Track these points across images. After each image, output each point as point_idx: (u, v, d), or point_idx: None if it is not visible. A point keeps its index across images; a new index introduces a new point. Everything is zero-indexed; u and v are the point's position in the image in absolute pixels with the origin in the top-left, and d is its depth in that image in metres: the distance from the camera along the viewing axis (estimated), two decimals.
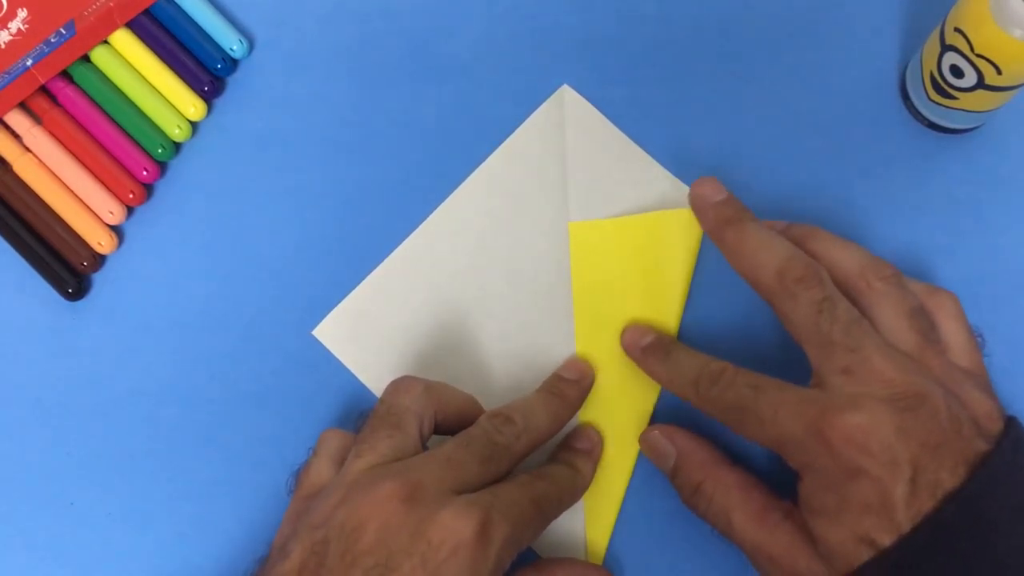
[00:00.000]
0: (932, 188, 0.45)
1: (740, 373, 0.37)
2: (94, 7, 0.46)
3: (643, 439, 0.41)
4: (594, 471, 0.41)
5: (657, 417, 0.43)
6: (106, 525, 0.44)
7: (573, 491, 0.40)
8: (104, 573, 0.43)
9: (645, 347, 0.42)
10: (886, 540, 0.32)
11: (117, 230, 0.46)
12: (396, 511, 0.33)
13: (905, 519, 0.32)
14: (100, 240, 0.46)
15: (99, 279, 0.46)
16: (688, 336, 0.43)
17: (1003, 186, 0.45)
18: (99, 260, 0.46)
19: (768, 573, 0.36)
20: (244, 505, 0.43)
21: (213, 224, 0.46)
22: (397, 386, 0.38)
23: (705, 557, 0.41)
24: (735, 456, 0.40)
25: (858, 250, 0.39)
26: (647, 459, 0.42)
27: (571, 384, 0.42)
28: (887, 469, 0.33)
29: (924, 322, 0.37)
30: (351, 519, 0.34)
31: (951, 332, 0.38)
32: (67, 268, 0.45)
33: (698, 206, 0.42)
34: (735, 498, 0.37)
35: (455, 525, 0.33)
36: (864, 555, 0.33)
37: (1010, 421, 0.35)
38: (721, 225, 0.40)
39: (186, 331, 0.45)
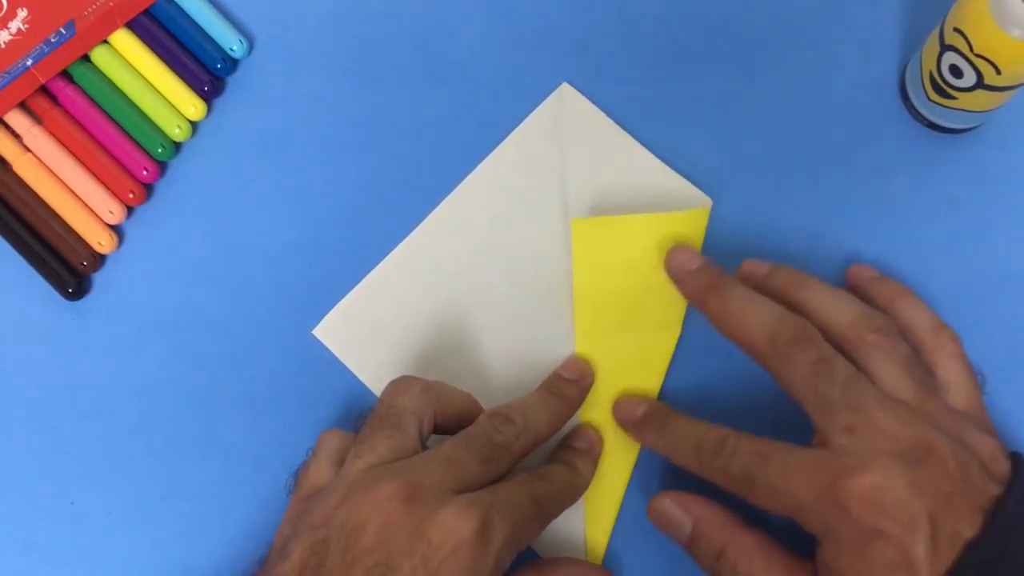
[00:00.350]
0: (932, 188, 0.45)
1: (742, 440, 0.36)
2: (94, 7, 0.46)
3: (653, 509, 0.39)
4: (594, 471, 0.41)
5: None
6: (106, 525, 0.44)
7: (573, 491, 0.40)
8: (104, 573, 0.43)
9: (638, 420, 0.41)
10: None
11: (117, 230, 0.46)
12: (396, 511, 0.33)
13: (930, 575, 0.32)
14: (100, 240, 0.46)
15: (99, 279, 0.46)
16: (690, 340, 0.43)
17: (1003, 186, 0.45)
18: (99, 260, 0.46)
19: None
20: (244, 505, 0.43)
21: (213, 224, 0.46)
22: (396, 386, 0.38)
23: None
24: (748, 515, 0.38)
25: (847, 299, 0.38)
26: (647, 458, 0.42)
27: (571, 384, 0.42)
28: (906, 529, 0.32)
29: (920, 370, 0.37)
30: (351, 519, 0.34)
31: (951, 372, 0.38)
32: (67, 268, 0.45)
33: (675, 276, 0.41)
34: (759, 562, 0.36)
35: (455, 525, 0.33)
36: None
37: (1016, 459, 0.35)
38: (702, 293, 0.40)
39: (186, 331, 0.45)
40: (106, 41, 0.47)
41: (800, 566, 0.36)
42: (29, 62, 0.46)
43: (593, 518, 0.42)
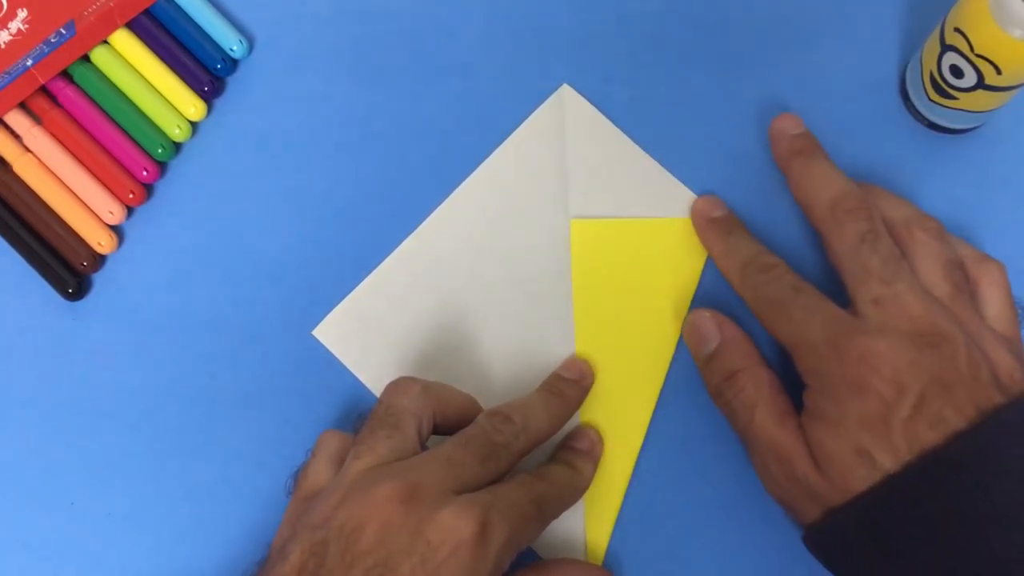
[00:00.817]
0: (932, 188, 0.45)
1: (789, 272, 0.39)
2: (94, 7, 0.46)
3: (690, 319, 0.42)
4: (594, 471, 0.41)
5: (658, 415, 0.43)
6: (106, 525, 0.44)
7: (573, 491, 0.40)
8: (104, 573, 0.43)
9: (712, 219, 0.43)
10: (885, 460, 0.34)
11: (117, 230, 0.46)
12: (395, 511, 0.33)
13: (902, 441, 0.33)
14: (100, 240, 0.46)
15: (99, 279, 0.46)
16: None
17: (1003, 186, 0.45)
18: (99, 260, 0.46)
19: (771, 472, 0.37)
20: (244, 505, 0.43)
21: (213, 224, 0.46)
22: (395, 387, 0.38)
23: (704, 557, 0.42)
24: None
25: (909, 204, 0.41)
26: (647, 459, 0.42)
27: (571, 384, 0.42)
28: (892, 390, 0.34)
29: (958, 275, 0.38)
30: (350, 520, 0.34)
31: (991, 298, 0.39)
32: (67, 268, 0.45)
33: (774, 136, 0.44)
34: (765, 394, 0.39)
35: (454, 525, 0.33)
36: (859, 469, 0.34)
37: None
38: (792, 154, 0.42)
39: (186, 331, 0.45)
40: (106, 41, 0.47)
41: (795, 415, 0.38)
42: (29, 62, 0.46)
43: (593, 518, 0.42)
